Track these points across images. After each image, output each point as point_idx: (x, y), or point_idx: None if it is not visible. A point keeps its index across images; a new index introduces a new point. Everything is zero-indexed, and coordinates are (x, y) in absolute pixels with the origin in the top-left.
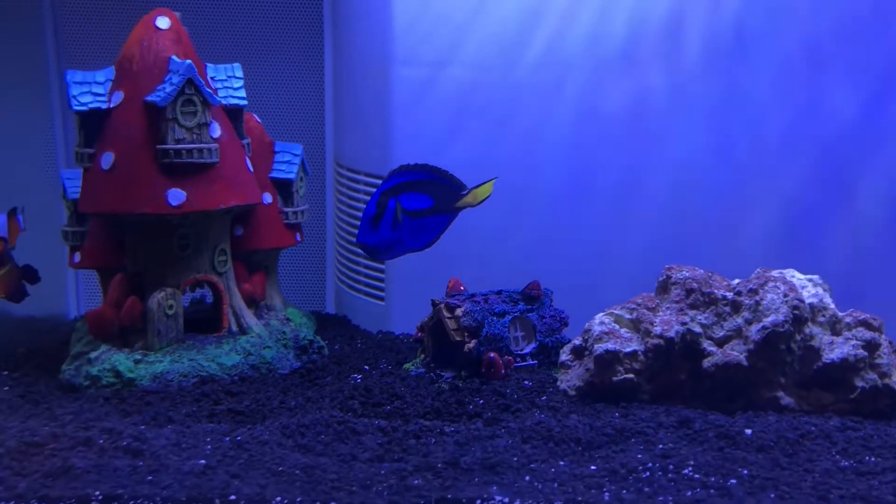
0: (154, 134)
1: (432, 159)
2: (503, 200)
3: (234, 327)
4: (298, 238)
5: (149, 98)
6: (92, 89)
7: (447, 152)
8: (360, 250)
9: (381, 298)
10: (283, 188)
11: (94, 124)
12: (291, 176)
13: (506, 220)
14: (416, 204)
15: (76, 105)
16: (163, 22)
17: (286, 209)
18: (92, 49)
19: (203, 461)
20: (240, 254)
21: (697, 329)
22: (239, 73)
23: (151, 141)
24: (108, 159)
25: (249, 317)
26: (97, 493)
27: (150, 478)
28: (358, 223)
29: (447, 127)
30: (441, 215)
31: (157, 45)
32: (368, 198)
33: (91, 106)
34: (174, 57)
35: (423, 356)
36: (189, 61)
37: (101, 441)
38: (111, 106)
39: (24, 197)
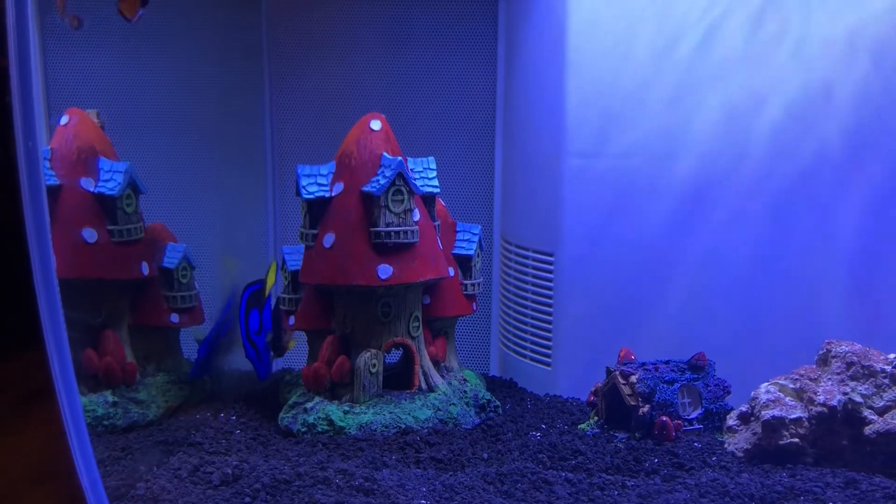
0: (368, 218)
1: (597, 238)
2: (661, 274)
3: (424, 385)
4: (475, 307)
5: (365, 188)
6: (317, 180)
7: (610, 231)
8: (526, 319)
9: (548, 364)
10: (463, 263)
11: (318, 210)
12: (471, 252)
13: (661, 294)
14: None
15: (305, 194)
16: (375, 124)
17: (465, 281)
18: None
19: (425, 501)
20: (425, 320)
21: (858, 399)
22: (433, 166)
23: (365, 224)
24: (329, 239)
25: (436, 376)
26: None
27: None
28: (524, 294)
29: (610, 209)
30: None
31: (371, 143)
32: (536, 271)
33: (317, 195)
34: (385, 154)
35: (596, 418)
36: (399, 158)
37: (338, 480)
38: (333, 195)
39: (249, 272)
